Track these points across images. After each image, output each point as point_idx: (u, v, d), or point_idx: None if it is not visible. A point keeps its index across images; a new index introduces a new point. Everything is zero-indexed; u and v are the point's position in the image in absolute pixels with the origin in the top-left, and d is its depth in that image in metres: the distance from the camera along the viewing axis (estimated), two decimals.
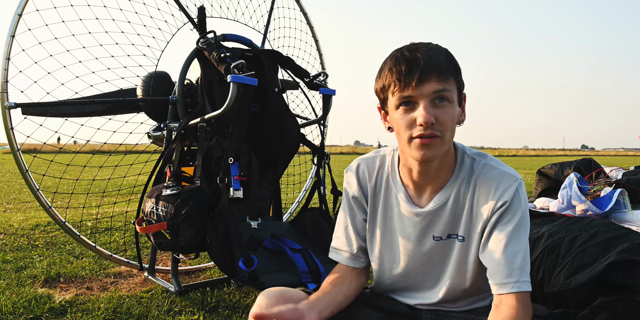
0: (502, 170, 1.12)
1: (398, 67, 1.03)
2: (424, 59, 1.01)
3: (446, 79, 1.02)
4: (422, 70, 1.00)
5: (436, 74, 1.01)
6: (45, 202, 2.23)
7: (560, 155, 44.52)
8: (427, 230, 1.17)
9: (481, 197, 1.11)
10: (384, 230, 1.23)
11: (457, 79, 1.05)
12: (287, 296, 1.11)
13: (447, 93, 1.02)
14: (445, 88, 1.01)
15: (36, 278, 2.38)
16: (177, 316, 1.92)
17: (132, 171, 2.63)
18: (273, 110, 2.28)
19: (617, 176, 3.18)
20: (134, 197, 3.72)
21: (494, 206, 1.09)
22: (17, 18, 2.08)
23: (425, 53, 1.02)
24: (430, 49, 1.03)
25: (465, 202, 1.13)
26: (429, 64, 1.01)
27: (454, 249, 1.16)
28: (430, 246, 1.18)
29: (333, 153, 9.16)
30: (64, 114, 2.27)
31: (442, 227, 1.16)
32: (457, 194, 1.14)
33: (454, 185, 1.14)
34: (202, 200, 1.88)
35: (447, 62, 1.03)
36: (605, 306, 1.51)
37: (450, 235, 1.16)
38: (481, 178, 1.12)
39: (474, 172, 1.14)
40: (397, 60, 1.03)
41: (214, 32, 2.06)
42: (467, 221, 1.13)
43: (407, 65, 1.01)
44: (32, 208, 4.97)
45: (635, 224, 2.25)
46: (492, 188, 1.10)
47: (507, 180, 1.10)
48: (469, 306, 1.23)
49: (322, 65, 3.29)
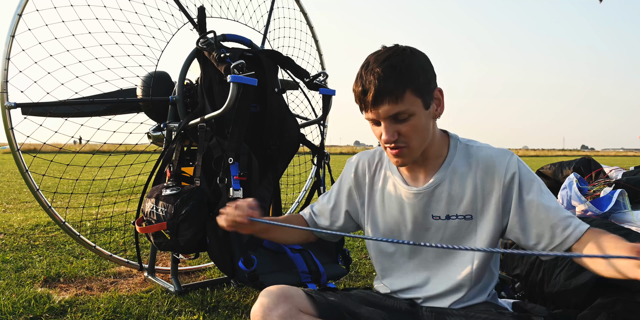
0: (495, 148, 1.20)
1: (357, 89, 1.11)
2: (375, 83, 1.06)
3: (399, 100, 1.07)
4: (374, 96, 1.07)
5: (387, 98, 1.07)
6: (45, 202, 2.23)
7: (560, 156, 44.51)
8: (426, 210, 1.22)
9: (486, 175, 1.17)
10: (383, 214, 1.30)
11: (416, 89, 1.09)
12: (288, 294, 1.12)
13: (402, 113, 1.09)
14: (399, 110, 1.08)
15: (36, 278, 2.38)
16: (177, 316, 1.92)
17: (132, 171, 2.63)
18: (273, 110, 2.28)
19: (617, 176, 3.18)
20: (134, 197, 3.73)
21: (503, 180, 1.15)
22: (17, 18, 2.08)
23: (378, 75, 1.06)
24: (385, 67, 1.07)
25: (466, 182, 1.19)
26: (380, 89, 1.06)
27: (453, 228, 1.22)
28: (428, 225, 1.24)
29: (333, 153, 9.14)
30: (64, 114, 2.27)
31: (439, 207, 1.21)
32: (453, 175, 1.20)
33: (449, 167, 1.20)
34: (202, 201, 1.88)
35: (400, 81, 1.06)
36: (605, 306, 1.51)
37: (450, 216, 1.21)
38: (479, 158, 1.18)
39: (471, 154, 1.20)
40: (357, 82, 1.12)
41: (214, 32, 2.06)
42: (472, 201, 1.19)
43: (362, 89, 1.09)
44: (32, 208, 4.97)
45: (635, 224, 2.25)
46: (494, 164, 1.16)
47: (504, 154, 1.17)
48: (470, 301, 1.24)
49: (322, 65, 3.29)
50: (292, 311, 1.08)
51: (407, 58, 1.09)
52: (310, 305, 1.13)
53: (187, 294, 2.17)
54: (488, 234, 1.19)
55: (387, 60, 1.08)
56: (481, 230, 1.19)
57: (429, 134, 1.15)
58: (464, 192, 1.19)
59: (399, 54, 1.09)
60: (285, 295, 1.11)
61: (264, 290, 1.14)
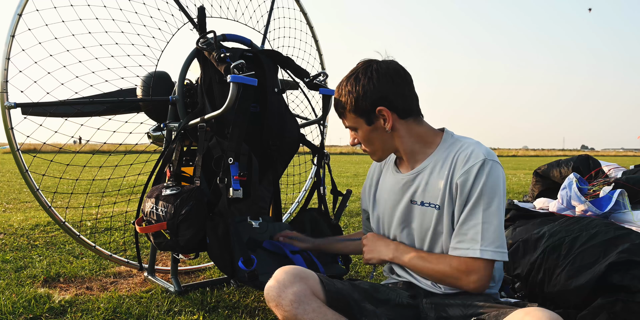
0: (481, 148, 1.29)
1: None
2: (335, 104, 1.45)
3: (347, 117, 1.41)
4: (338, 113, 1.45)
5: (341, 116, 1.44)
6: (45, 202, 2.23)
7: (560, 156, 44.50)
8: (404, 192, 1.40)
9: (455, 169, 1.29)
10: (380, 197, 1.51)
11: (357, 111, 1.37)
12: (304, 275, 1.18)
13: (351, 127, 1.43)
14: (348, 124, 1.43)
15: (36, 278, 2.38)
16: (177, 316, 1.92)
17: (132, 171, 2.63)
18: (273, 110, 2.28)
19: (617, 175, 3.17)
20: (134, 197, 3.73)
21: (464, 181, 1.26)
22: (17, 18, 2.08)
23: (336, 98, 1.43)
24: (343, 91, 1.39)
25: (443, 173, 1.31)
26: (336, 108, 1.45)
27: (428, 215, 1.33)
28: (406, 208, 1.38)
29: (333, 153, 9.14)
30: (64, 114, 2.27)
31: (416, 192, 1.37)
32: (434, 166, 1.34)
33: (432, 159, 1.35)
34: (201, 201, 1.88)
35: (344, 106, 1.39)
36: (605, 307, 1.51)
37: (424, 202, 1.34)
38: (460, 153, 1.30)
39: (455, 148, 1.33)
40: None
41: (214, 32, 2.06)
42: (444, 191, 1.30)
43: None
44: (32, 208, 4.97)
45: (635, 224, 2.25)
46: (466, 160, 1.28)
47: (481, 155, 1.26)
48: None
49: (322, 65, 3.29)
50: (307, 291, 1.13)
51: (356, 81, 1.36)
52: (321, 290, 1.18)
53: (187, 294, 2.17)
54: (450, 225, 1.30)
55: (348, 83, 1.38)
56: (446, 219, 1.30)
57: (380, 142, 1.40)
58: (438, 182, 1.31)
59: (355, 75, 1.37)
60: (301, 275, 1.17)
61: (279, 268, 1.21)
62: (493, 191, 1.24)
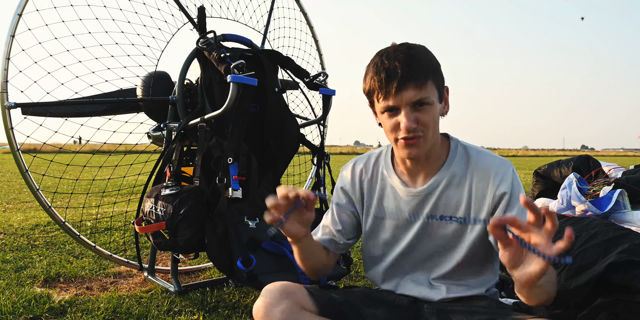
0: (496, 156, 1.23)
1: (378, 77, 1.11)
2: (402, 68, 1.09)
3: (423, 86, 1.10)
4: (399, 81, 1.09)
5: (413, 83, 1.09)
6: (45, 202, 2.23)
7: (560, 156, 44.50)
8: (420, 209, 1.25)
9: (480, 182, 1.19)
10: (380, 215, 1.32)
11: (435, 80, 1.13)
12: (289, 291, 1.14)
13: (425, 99, 1.11)
14: (423, 96, 1.10)
15: (36, 278, 2.38)
16: (177, 316, 1.92)
17: (132, 171, 2.63)
18: (273, 110, 2.28)
19: (617, 175, 3.17)
20: (134, 197, 3.72)
21: (495, 191, 1.17)
22: (17, 18, 2.08)
23: (403, 62, 1.09)
24: (407, 56, 1.10)
25: (463, 185, 1.21)
26: (406, 75, 1.08)
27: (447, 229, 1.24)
28: (422, 225, 1.25)
29: (333, 153, 9.14)
30: (63, 114, 2.27)
31: (433, 207, 1.23)
32: (451, 177, 1.22)
33: (448, 169, 1.22)
34: (201, 200, 1.88)
35: (423, 69, 1.11)
36: (605, 307, 1.51)
37: (444, 217, 1.23)
38: (479, 163, 1.21)
39: (470, 157, 1.23)
40: (377, 69, 1.12)
41: (214, 32, 2.06)
42: (467, 205, 1.21)
43: (386, 75, 1.10)
44: (32, 208, 4.97)
45: (635, 224, 2.25)
46: (490, 172, 1.19)
47: (502, 165, 1.20)
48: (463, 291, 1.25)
49: (322, 65, 3.29)
50: (294, 308, 1.10)
51: (428, 52, 1.15)
52: (311, 302, 1.15)
53: (187, 294, 2.17)
54: (477, 239, 1.21)
55: (410, 50, 1.12)
56: (472, 234, 1.22)
57: (438, 128, 1.19)
58: (460, 195, 1.21)
59: (418, 47, 1.14)
60: (287, 291, 1.13)
61: (266, 286, 1.16)
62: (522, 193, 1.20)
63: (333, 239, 1.36)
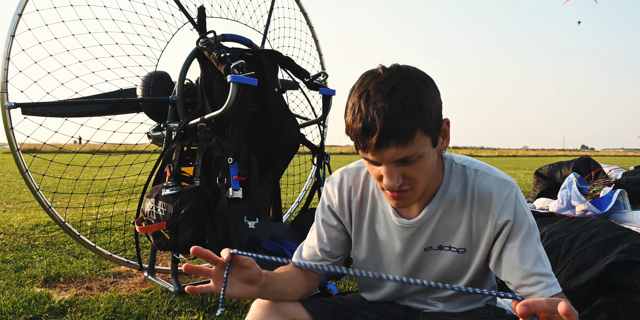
0: (496, 177, 1.08)
1: (355, 125, 0.90)
2: (381, 123, 0.87)
3: (410, 142, 0.89)
4: (378, 138, 0.88)
5: (395, 141, 0.88)
6: (45, 202, 2.23)
7: (560, 156, 44.53)
8: (416, 240, 1.13)
9: (480, 209, 1.07)
10: (371, 241, 1.19)
11: (426, 129, 0.91)
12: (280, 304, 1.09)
13: (411, 156, 0.92)
14: (409, 153, 0.91)
15: (36, 278, 2.38)
16: (177, 316, 1.92)
17: (132, 171, 2.63)
18: (273, 110, 2.28)
19: (617, 176, 3.18)
20: (134, 197, 3.72)
21: (496, 220, 1.05)
22: (17, 18, 2.08)
23: (384, 113, 0.87)
24: (392, 103, 0.88)
25: (461, 213, 1.09)
26: (386, 131, 0.87)
27: (442, 259, 1.14)
28: (419, 256, 1.14)
29: (333, 153, 9.13)
30: (63, 114, 2.27)
31: (430, 238, 1.12)
32: (449, 207, 1.09)
33: (445, 195, 1.09)
34: (201, 200, 1.88)
35: (410, 120, 0.88)
36: (605, 307, 1.51)
37: (443, 246, 1.12)
38: (477, 189, 1.07)
39: (468, 180, 1.09)
40: (354, 116, 0.91)
41: (214, 32, 2.06)
42: (467, 233, 1.10)
43: (364, 127, 0.89)
44: (32, 208, 4.97)
45: (635, 224, 2.25)
46: (491, 199, 1.06)
47: (504, 188, 1.06)
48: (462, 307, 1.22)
49: (322, 65, 3.29)
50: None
51: (417, 90, 0.90)
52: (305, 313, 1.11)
53: (187, 294, 2.17)
54: (479, 267, 1.13)
55: (394, 94, 0.89)
56: (474, 262, 1.13)
57: (433, 171, 1.03)
58: (458, 224, 1.10)
59: (405, 84, 0.90)
60: (277, 305, 1.08)
61: (255, 301, 1.10)
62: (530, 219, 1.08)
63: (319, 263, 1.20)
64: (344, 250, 1.24)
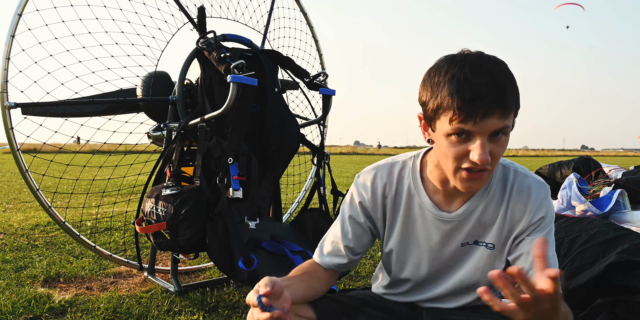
0: (535, 178, 1.14)
1: (461, 95, 0.91)
2: (492, 91, 0.90)
3: (510, 114, 0.94)
4: (488, 106, 0.90)
5: (500, 111, 0.91)
6: (45, 202, 2.23)
7: (560, 156, 44.54)
8: (454, 235, 1.15)
9: (516, 207, 1.11)
10: (404, 236, 1.20)
11: (517, 106, 0.96)
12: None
13: (506, 129, 0.95)
14: (506, 124, 0.94)
15: (36, 278, 2.38)
16: (177, 316, 1.92)
17: (132, 171, 2.63)
18: (273, 110, 2.28)
19: (617, 176, 3.18)
20: (134, 197, 3.72)
21: (531, 219, 1.10)
22: (17, 18, 2.08)
23: (492, 82, 0.91)
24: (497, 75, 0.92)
25: (499, 210, 1.12)
26: (496, 99, 0.90)
27: (476, 254, 1.16)
28: (454, 251, 1.17)
29: (333, 153, 9.16)
30: (63, 114, 2.27)
31: (468, 233, 1.14)
32: (489, 202, 1.12)
33: (486, 193, 1.12)
34: (201, 201, 1.89)
35: (513, 94, 0.93)
36: (605, 307, 1.51)
37: (478, 241, 1.15)
38: (516, 186, 1.12)
39: (508, 178, 1.13)
40: (460, 85, 0.91)
41: (214, 32, 2.06)
42: (499, 229, 1.13)
43: (472, 95, 0.90)
44: (32, 208, 4.97)
45: (635, 224, 2.25)
46: (529, 196, 1.11)
47: (540, 190, 1.12)
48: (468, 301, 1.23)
49: (322, 65, 3.29)
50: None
51: (510, 71, 0.96)
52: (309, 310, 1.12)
53: (187, 294, 2.17)
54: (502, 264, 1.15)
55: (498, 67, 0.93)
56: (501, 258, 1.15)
57: None
58: (494, 219, 1.13)
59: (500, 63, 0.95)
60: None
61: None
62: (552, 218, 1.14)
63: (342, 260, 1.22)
64: (365, 249, 1.26)
